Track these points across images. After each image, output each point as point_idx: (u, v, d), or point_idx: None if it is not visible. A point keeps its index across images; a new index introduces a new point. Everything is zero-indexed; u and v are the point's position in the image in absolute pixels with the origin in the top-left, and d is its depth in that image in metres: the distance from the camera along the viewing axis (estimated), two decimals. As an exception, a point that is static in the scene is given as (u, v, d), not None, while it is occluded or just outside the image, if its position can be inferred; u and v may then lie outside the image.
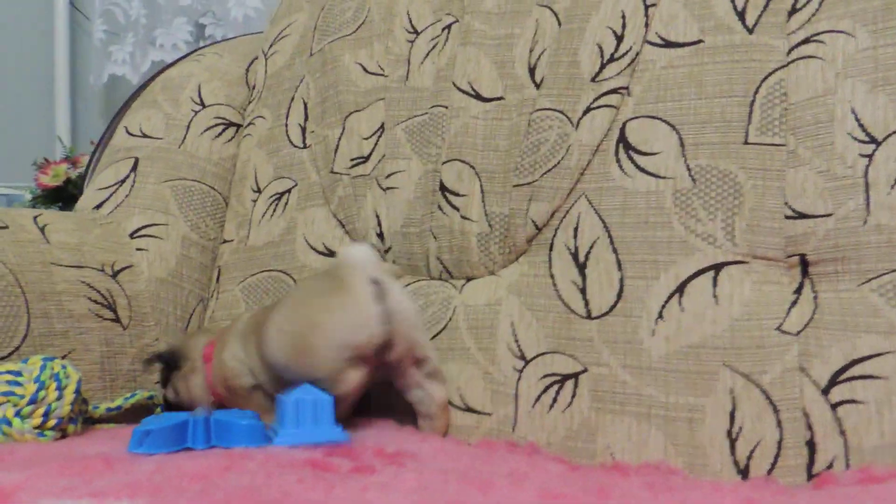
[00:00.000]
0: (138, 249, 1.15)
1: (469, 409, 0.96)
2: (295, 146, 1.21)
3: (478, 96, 1.07)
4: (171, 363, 0.97)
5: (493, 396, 0.96)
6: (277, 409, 0.82)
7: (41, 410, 0.84)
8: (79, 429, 0.90)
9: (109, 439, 0.83)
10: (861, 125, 0.82)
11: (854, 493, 0.68)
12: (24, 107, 2.15)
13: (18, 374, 0.85)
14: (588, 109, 0.97)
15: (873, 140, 0.81)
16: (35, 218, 1.05)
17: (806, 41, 0.88)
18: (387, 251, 1.09)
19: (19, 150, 2.05)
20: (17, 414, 0.83)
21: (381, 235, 1.09)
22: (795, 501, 0.66)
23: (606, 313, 0.91)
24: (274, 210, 1.20)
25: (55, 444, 0.82)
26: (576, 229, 0.96)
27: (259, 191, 1.23)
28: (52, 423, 0.85)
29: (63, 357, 0.96)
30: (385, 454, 0.80)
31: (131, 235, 1.16)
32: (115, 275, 1.09)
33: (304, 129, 1.22)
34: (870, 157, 0.81)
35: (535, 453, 0.86)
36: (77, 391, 0.88)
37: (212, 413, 0.82)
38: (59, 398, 0.85)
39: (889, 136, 0.81)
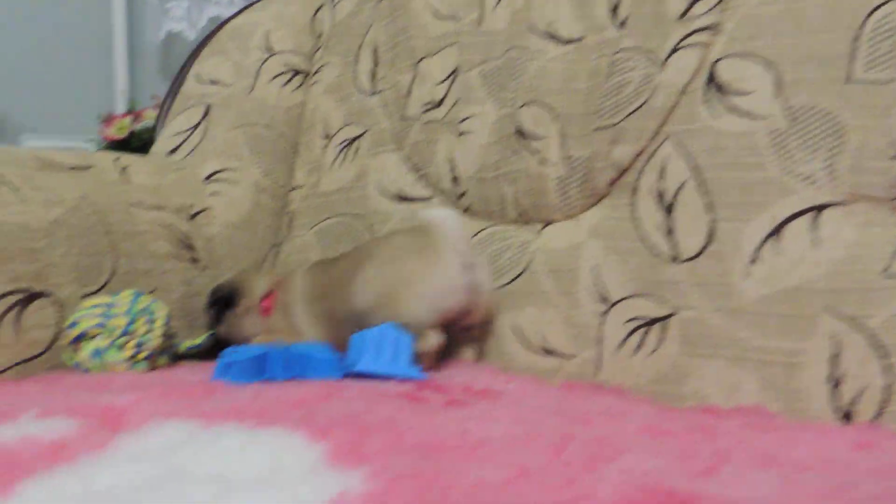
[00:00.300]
0: (212, 194, 1.15)
1: (550, 352, 0.95)
2: (364, 92, 1.20)
3: (556, 38, 1.04)
4: (227, 301, 0.99)
5: (575, 339, 0.94)
6: (354, 345, 0.83)
7: (133, 342, 0.85)
8: (167, 362, 0.91)
9: (200, 370, 0.84)
10: (980, 56, 0.77)
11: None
12: (84, 63, 2.18)
13: (111, 306, 0.86)
14: (675, 49, 0.94)
15: None
16: (115, 160, 1.06)
17: (917, -30, 0.83)
18: (461, 196, 1.07)
19: (83, 104, 2.08)
20: (112, 345, 0.84)
21: (455, 180, 1.08)
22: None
23: (695, 256, 0.88)
24: (344, 156, 1.19)
25: (150, 374, 0.83)
26: (661, 172, 0.93)
27: (329, 137, 1.22)
28: (143, 354, 0.86)
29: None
30: (473, 391, 0.80)
31: (205, 180, 1.16)
32: (191, 218, 1.10)
33: (373, 76, 1.20)
34: None
35: (621, 395, 0.85)
36: (166, 324, 0.89)
37: (290, 346, 0.82)
38: (149, 331, 0.87)
39: None
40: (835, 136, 0.83)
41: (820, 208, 0.83)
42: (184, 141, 1.20)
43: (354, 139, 1.19)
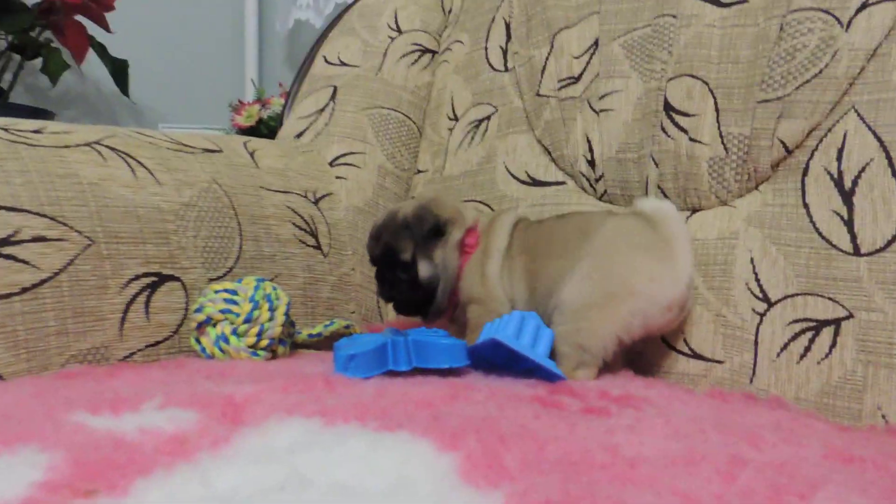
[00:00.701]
0: (338, 178, 1.13)
1: (696, 356, 0.85)
2: (496, 70, 1.13)
3: (715, 1, 0.92)
4: (438, 229, 0.88)
5: (725, 342, 0.84)
6: (493, 323, 0.77)
7: (255, 330, 0.84)
8: (287, 351, 0.89)
9: (319, 361, 0.81)
10: None
11: None
12: (215, 52, 2.25)
13: (234, 292, 0.85)
14: (864, 6, 0.80)
15: None
16: (245, 143, 1.06)
17: None
18: (598, 179, 0.99)
19: (214, 93, 2.14)
20: (234, 332, 0.83)
21: (591, 162, 0.99)
22: None
23: (881, 249, 0.75)
24: (472, 138, 1.13)
25: (271, 363, 0.81)
26: (840, 150, 0.80)
27: (456, 118, 1.16)
28: (265, 342, 0.84)
29: (271, 280, 0.96)
30: (611, 396, 0.72)
31: (331, 163, 1.14)
32: (316, 202, 1.08)
33: (505, 52, 1.13)
34: None
35: (783, 407, 0.73)
36: (287, 313, 0.87)
37: (408, 334, 0.77)
38: (270, 318, 0.85)
39: None
40: None
41: None
42: (311, 124, 1.18)
43: (483, 119, 1.12)
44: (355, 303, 1.10)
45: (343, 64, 1.22)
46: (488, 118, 1.12)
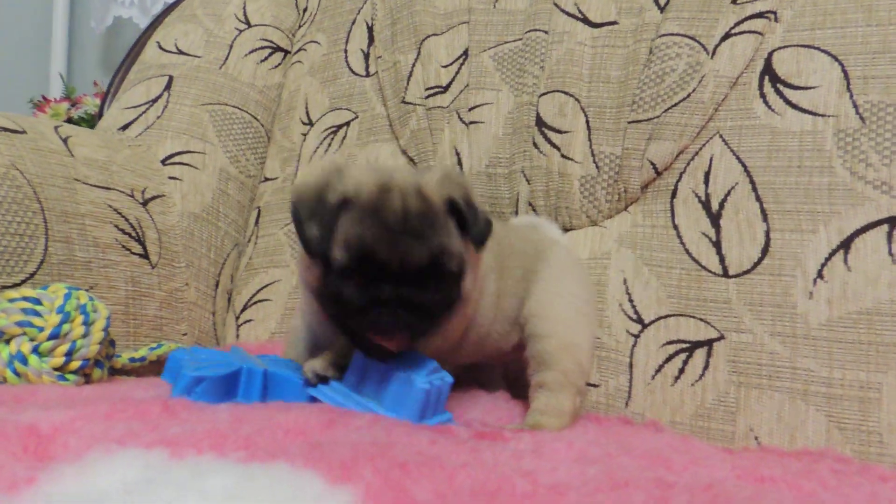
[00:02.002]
0: (171, 178, 0.98)
1: (571, 379, 0.81)
2: (356, 74, 1.05)
3: (586, 20, 0.92)
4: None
5: (600, 364, 0.81)
6: (388, 386, 0.59)
7: (64, 348, 0.67)
8: (105, 376, 0.73)
9: (151, 386, 0.66)
10: None
11: None
12: (20, 45, 1.96)
13: (37, 301, 0.68)
14: (727, 35, 0.83)
15: None
16: (56, 128, 0.88)
17: None
18: (467, 195, 0.93)
19: (14, 89, 1.85)
20: (35, 350, 0.66)
21: (460, 176, 0.94)
22: None
23: (748, 271, 0.77)
24: (329, 145, 1.03)
25: (85, 389, 0.65)
26: (707, 173, 0.81)
27: (311, 123, 1.06)
28: (75, 364, 0.68)
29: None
30: (496, 423, 0.65)
31: (163, 161, 0.99)
32: (145, 203, 0.92)
33: (367, 56, 1.06)
34: None
35: (662, 431, 0.71)
36: (106, 329, 0.71)
37: (263, 362, 0.65)
38: (85, 335, 0.69)
39: None
40: (914, 139, 0.73)
41: (896, 220, 0.72)
42: (140, 115, 1.02)
43: (342, 125, 1.03)
44: (187, 323, 0.95)
45: (181, 52, 1.08)
46: (347, 124, 1.03)
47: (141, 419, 0.48)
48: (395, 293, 0.57)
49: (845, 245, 0.73)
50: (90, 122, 1.62)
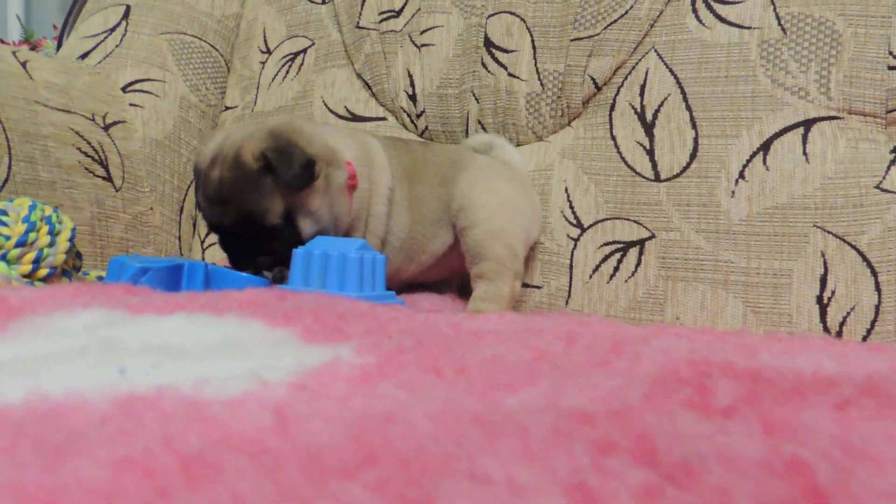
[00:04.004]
0: (132, 105, 1.00)
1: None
2: (312, 1, 1.08)
3: (529, -57, 0.95)
4: (310, 173, 0.68)
5: (543, 268, 0.86)
6: (301, 262, 0.66)
7: (31, 256, 0.71)
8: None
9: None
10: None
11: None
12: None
13: (3, 212, 0.71)
14: (661, -47, 0.87)
15: None
16: (14, 53, 0.90)
17: None
18: (420, 115, 0.97)
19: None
20: (3, 258, 0.70)
21: (412, 97, 0.98)
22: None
23: (678, 175, 0.82)
24: (286, 72, 1.06)
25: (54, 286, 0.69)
26: (643, 86, 0.86)
27: (269, 51, 1.09)
28: (43, 272, 0.72)
29: (51, 207, 0.83)
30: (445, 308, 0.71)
31: (124, 89, 1.01)
32: (106, 127, 0.95)
33: (321, -16, 1.08)
34: None
35: (591, 316, 0.77)
36: (71, 240, 0.75)
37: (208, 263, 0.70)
38: (51, 244, 0.72)
39: None
40: (830, 46, 0.78)
41: (811, 123, 0.78)
42: (98, 44, 1.04)
43: (299, 53, 1.06)
44: (154, 246, 0.99)
45: (138, -18, 1.09)
46: (304, 51, 1.06)
47: (105, 295, 0.53)
48: (233, 246, 0.70)
49: (765, 147, 0.79)
50: (52, 65, 1.61)
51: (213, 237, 1.04)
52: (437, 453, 0.21)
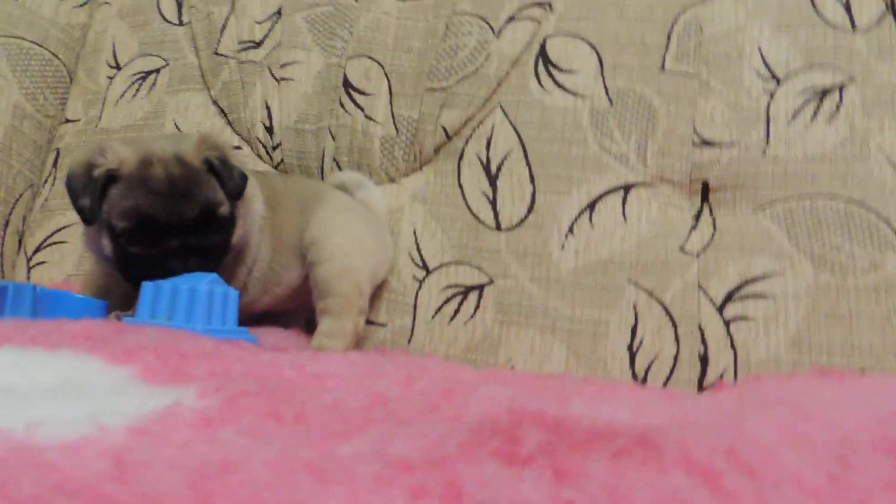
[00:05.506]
0: (-43, 109, 0.93)
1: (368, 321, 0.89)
2: (168, 21, 1.06)
3: (392, -7, 1.00)
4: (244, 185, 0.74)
5: (389, 306, 0.90)
6: (149, 295, 0.67)
7: None
8: None
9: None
10: (766, 63, 0.88)
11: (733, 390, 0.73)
12: None
13: None
14: (511, 19, 0.95)
15: (775, 77, 0.87)
16: None
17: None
18: (276, 147, 0.98)
19: None
20: None
21: (269, 129, 0.98)
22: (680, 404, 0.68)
23: (517, 225, 0.89)
24: (137, 90, 1.03)
25: None
26: (489, 140, 0.93)
27: (118, 67, 1.05)
28: None
29: None
30: (286, 346, 0.72)
31: (-52, 91, 0.94)
32: (-75, 132, 0.87)
33: (180, 4, 1.07)
34: (772, 92, 0.87)
35: (431, 358, 0.82)
36: None
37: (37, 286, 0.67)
38: None
39: (789, 75, 0.87)
40: (647, 120, 0.89)
41: (629, 187, 0.88)
42: (-80, 40, 0.96)
43: (151, 72, 1.04)
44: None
45: (-27, -20, 1.02)
46: (157, 71, 1.04)
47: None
48: (180, 244, 0.69)
49: (591, 206, 0.88)
50: None
51: (43, 255, 0.98)
52: (273, 501, 0.24)
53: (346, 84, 0.97)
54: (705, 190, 0.87)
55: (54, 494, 0.23)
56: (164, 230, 0.69)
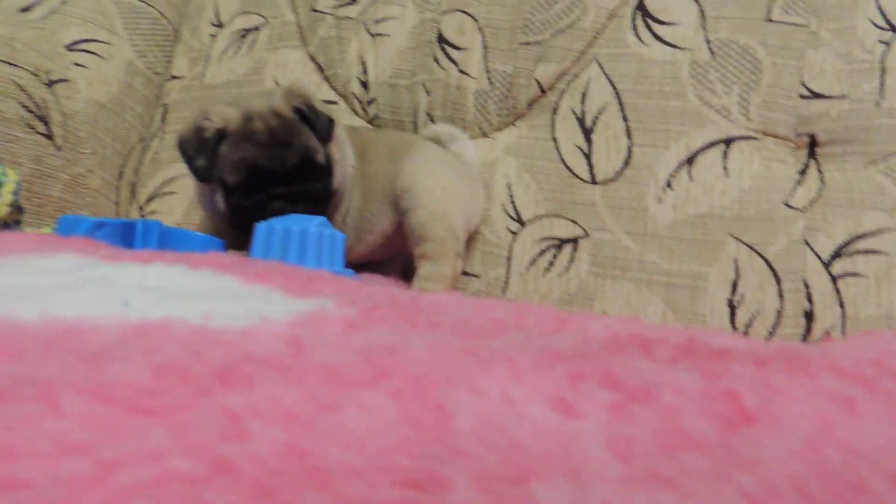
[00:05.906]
0: (76, 64, 0.99)
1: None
2: (268, -20, 1.09)
3: (487, -52, 0.99)
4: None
5: (483, 258, 0.91)
6: (263, 235, 0.70)
7: (-26, 205, 0.70)
8: (14, 239, 0.75)
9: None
10: (882, 12, 0.84)
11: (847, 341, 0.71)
12: None
13: (-54, 158, 0.70)
14: (608, -29, 0.93)
15: (892, 28, 0.83)
16: (-44, -2, 0.87)
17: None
18: (370, 102, 1.00)
19: None
20: (-56, 204, 0.68)
21: (365, 84, 1.00)
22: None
23: (612, 179, 0.89)
24: (238, 48, 1.07)
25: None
26: (584, 94, 0.92)
27: (220, 25, 1.09)
28: (-15, 223, 0.71)
29: (-10, 161, 0.81)
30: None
31: (68, 47, 0.99)
32: (50, 84, 0.93)
33: (279, -36, 1.09)
34: (888, 43, 0.83)
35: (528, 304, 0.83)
36: (15, 193, 0.74)
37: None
38: (-5, 195, 0.71)
39: (909, 25, 0.83)
40: (751, 72, 0.87)
41: (731, 140, 0.86)
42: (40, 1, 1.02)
43: (251, 30, 1.07)
44: (90, 209, 0.97)
45: (89, -58, 1.07)
46: (257, 28, 1.07)
47: (68, 244, 0.53)
48: (285, 189, 0.74)
49: (690, 160, 0.86)
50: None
51: (154, 205, 1.03)
52: (441, 374, 0.25)
53: (441, 39, 0.98)
54: (812, 144, 0.85)
55: (244, 363, 0.25)
56: (270, 179, 0.74)
